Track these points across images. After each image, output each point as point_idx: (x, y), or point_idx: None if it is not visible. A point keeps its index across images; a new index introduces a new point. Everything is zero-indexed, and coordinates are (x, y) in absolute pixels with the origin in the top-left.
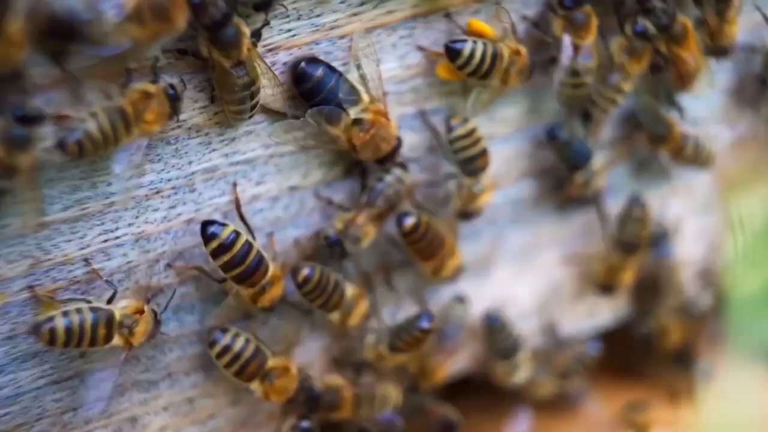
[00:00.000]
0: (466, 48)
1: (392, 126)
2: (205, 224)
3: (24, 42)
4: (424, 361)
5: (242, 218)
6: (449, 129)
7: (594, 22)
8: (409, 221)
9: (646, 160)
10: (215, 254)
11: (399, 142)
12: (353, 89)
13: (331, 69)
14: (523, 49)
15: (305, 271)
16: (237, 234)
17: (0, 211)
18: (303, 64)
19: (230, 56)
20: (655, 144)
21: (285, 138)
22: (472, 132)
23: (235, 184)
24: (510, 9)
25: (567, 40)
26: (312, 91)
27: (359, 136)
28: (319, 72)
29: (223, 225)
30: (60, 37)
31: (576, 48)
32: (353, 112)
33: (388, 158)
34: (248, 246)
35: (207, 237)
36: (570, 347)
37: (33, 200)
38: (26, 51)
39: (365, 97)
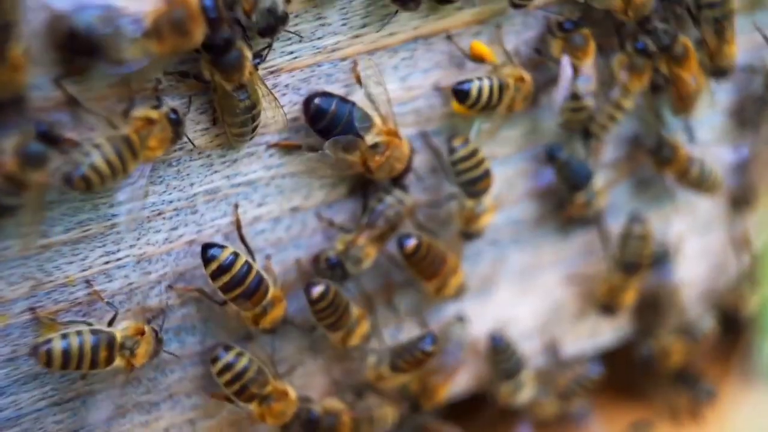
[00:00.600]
0: (473, 88)
1: (404, 144)
2: (205, 246)
3: (26, 66)
4: (425, 380)
5: (243, 240)
6: (451, 150)
7: (592, 44)
8: (411, 243)
9: (649, 179)
10: (214, 276)
11: (412, 161)
12: (366, 116)
13: (343, 100)
14: (527, 75)
15: (319, 288)
16: (236, 255)
17: (3, 228)
18: (316, 100)
19: (232, 79)
20: (661, 166)
21: (299, 168)
22: (474, 153)
23: (236, 206)
24: (510, 30)
25: (566, 61)
26: (329, 126)
27: (375, 159)
28: (333, 106)
29: (222, 247)
30: (79, 53)
31: (575, 69)
32: (369, 138)
33: (402, 176)
34: (247, 267)
35: (206, 259)
36: (571, 368)
37: (34, 222)
38: (28, 75)
39: (377, 121)
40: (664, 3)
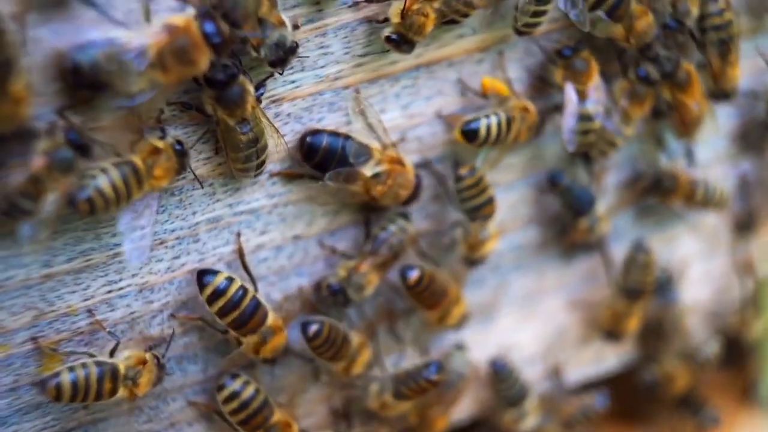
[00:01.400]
0: (482, 127)
1: (409, 170)
2: (200, 272)
3: (28, 99)
4: (424, 412)
5: (246, 268)
6: (458, 178)
7: (594, 65)
8: (413, 275)
9: (653, 204)
10: (210, 300)
11: (418, 186)
12: (363, 147)
13: (336, 134)
14: (531, 106)
15: (314, 327)
16: (230, 280)
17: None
18: (308, 138)
19: (234, 114)
20: (665, 197)
21: (301, 196)
22: (480, 181)
23: (239, 235)
24: (513, 57)
25: (569, 88)
26: (323, 161)
27: (378, 188)
28: (324, 142)
29: (217, 272)
30: (84, 88)
31: (580, 93)
32: (369, 168)
33: (409, 202)
34: (243, 291)
35: (201, 284)
36: (578, 398)
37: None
38: (31, 107)
39: (377, 150)
40: (666, 30)
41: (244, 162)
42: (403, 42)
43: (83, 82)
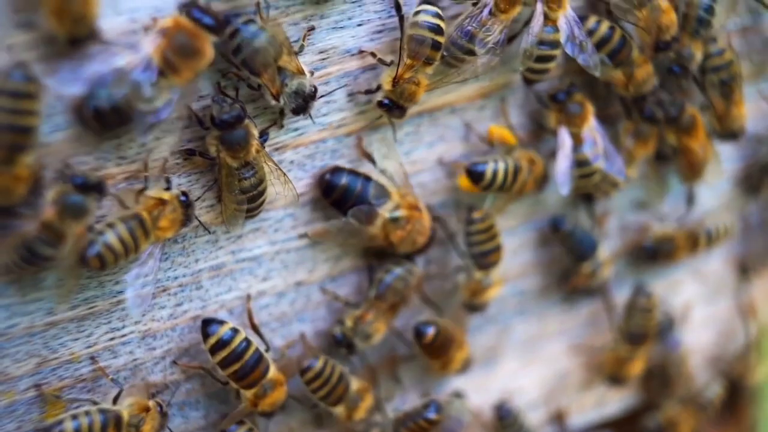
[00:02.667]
0: (488, 170)
1: (425, 217)
2: (205, 321)
3: (28, 180)
4: None
5: (256, 329)
6: (470, 222)
7: (589, 108)
8: (430, 332)
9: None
10: (213, 350)
11: (435, 234)
12: (382, 189)
13: (355, 174)
14: (538, 158)
15: (308, 361)
16: (235, 331)
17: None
18: (327, 175)
19: (238, 157)
20: (669, 258)
21: (321, 238)
22: (490, 227)
23: (249, 297)
24: (514, 104)
25: (563, 132)
26: (341, 199)
27: (397, 233)
28: (344, 180)
29: (222, 322)
30: (113, 125)
31: (575, 137)
32: (387, 211)
33: (425, 250)
34: (246, 343)
35: (206, 333)
36: None
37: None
38: (27, 189)
39: (395, 194)
40: (670, 75)
41: (240, 204)
42: (394, 107)
43: (109, 122)
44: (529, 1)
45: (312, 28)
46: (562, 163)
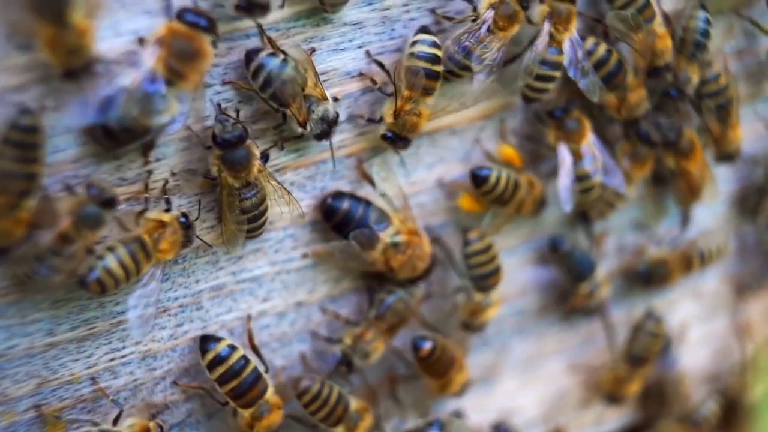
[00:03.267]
0: (492, 175)
1: (425, 243)
2: (203, 338)
3: (27, 221)
4: None
5: (256, 350)
6: (466, 243)
7: (587, 124)
8: (426, 346)
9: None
10: (210, 367)
11: (434, 260)
12: (382, 214)
13: (357, 199)
14: (538, 182)
15: (304, 382)
16: (233, 348)
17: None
18: (329, 200)
19: (239, 176)
20: (664, 282)
21: (322, 259)
22: (488, 248)
23: (249, 318)
24: (511, 126)
25: (562, 148)
26: (342, 223)
27: (397, 258)
28: (345, 204)
29: (220, 339)
30: (128, 141)
31: (575, 153)
32: (388, 236)
33: (425, 276)
34: (245, 361)
35: (203, 350)
36: None
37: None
38: (25, 233)
39: (395, 219)
40: (667, 98)
41: (239, 224)
42: (398, 140)
43: (124, 139)
44: (537, 22)
45: (313, 50)
46: (564, 180)
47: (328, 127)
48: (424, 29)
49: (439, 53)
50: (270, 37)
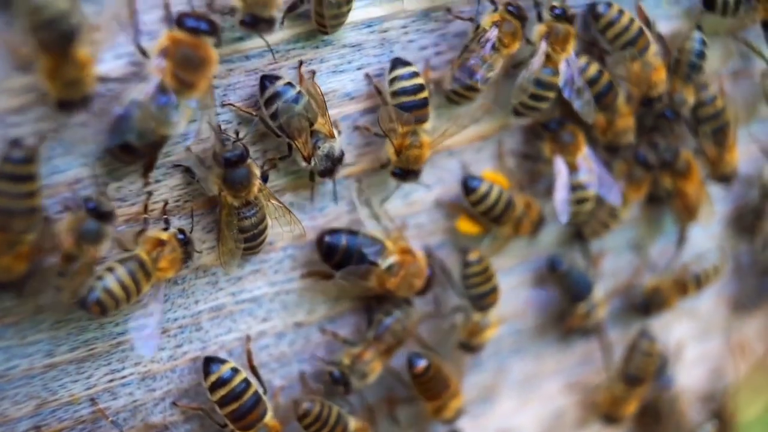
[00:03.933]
0: (482, 186)
1: (420, 258)
2: (207, 360)
3: (28, 259)
4: None
5: (254, 371)
6: (466, 264)
7: (581, 137)
8: (421, 364)
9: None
10: (212, 388)
11: (432, 275)
12: (375, 240)
13: (351, 232)
14: (536, 204)
15: (305, 405)
16: (235, 371)
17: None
18: (326, 238)
19: (239, 196)
20: (662, 309)
21: (304, 284)
22: (486, 269)
23: (248, 338)
24: (509, 143)
25: (558, 160)
26: (342, 260)
27: (391, 281)
28: (343, 241)
29: (223, 361)
30: (145, 155)
31: (570, 165)
32: (382, 261)
33: (424, 292)
34: (246, 384)
35: (206, 371)
36: None
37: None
38: (27, 268)
39: (388, 241)
40: (662, 120)
41: (236, 243)
42: (406, 174)
43: (141, 153)
44: (535, 41)
45: (312, 72)
46: (560, 193)
47: (332, 164)
48: (396, 62)
49: (421, 80)
50: (301, 72)
